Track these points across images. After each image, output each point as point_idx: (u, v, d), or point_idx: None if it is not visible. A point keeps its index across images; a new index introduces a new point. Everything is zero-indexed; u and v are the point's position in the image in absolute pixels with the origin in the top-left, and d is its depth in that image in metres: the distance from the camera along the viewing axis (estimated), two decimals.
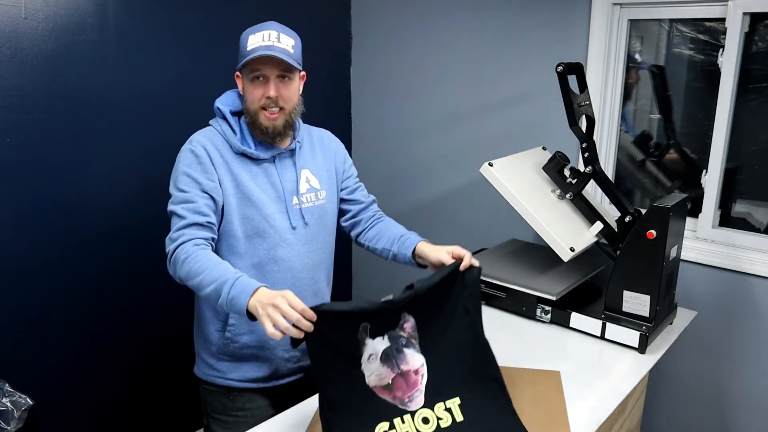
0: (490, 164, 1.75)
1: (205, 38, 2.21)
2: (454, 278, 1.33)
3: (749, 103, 1.93)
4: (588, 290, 1.88)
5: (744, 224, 2.01)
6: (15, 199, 1.80)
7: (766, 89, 1.90)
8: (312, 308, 1.15)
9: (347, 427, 1.17)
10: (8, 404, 1.50)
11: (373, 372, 1.21)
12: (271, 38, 1.42)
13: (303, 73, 1.55)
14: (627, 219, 1.74)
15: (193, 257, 1.33)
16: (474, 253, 2.05)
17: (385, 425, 1.20)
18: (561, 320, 1.76)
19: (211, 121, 1.53)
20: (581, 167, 1.81)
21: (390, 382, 1.22)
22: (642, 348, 1.62)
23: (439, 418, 1.23)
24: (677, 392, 2.15)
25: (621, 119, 2.20)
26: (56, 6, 1.81)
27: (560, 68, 1.67)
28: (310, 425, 1.30)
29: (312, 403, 1.39)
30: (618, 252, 1.67)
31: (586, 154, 1.77)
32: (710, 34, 1.99)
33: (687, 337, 2.02)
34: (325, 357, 1.18)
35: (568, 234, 1.72)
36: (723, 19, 1.90)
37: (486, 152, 2.42)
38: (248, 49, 1.42)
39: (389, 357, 1.23)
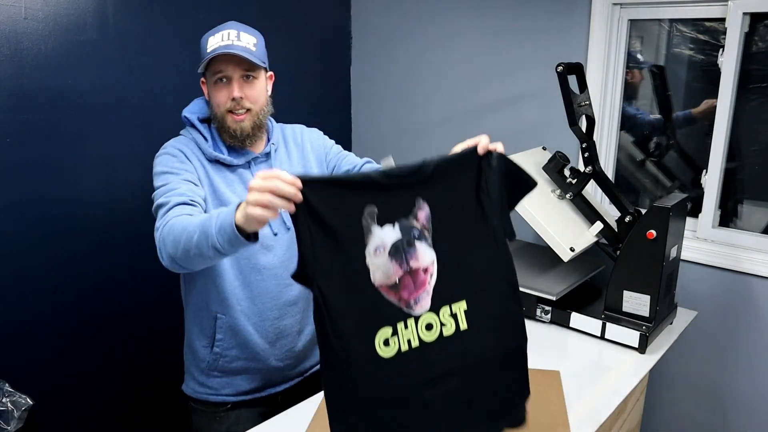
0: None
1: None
2: (470, 163, 1.12)
3: (749, 103, 1.93)
4: (588, 290, 1.88)
5: (744, 224, 2.02)
6: (15, 198, 1.80)
7: (766, 89, 1.90)
8: (301, 177, 0.98)
9: (346, 332, 1.02)
10: (8, 404, 1.50)
11: (379, 268, 1.03)
12: (230, 37, 1.39)
13: (270, 73, 1.52)
14: (627, 219, 1.74)
15: (174, 224, 1.22)
16: None
17: (387, 331, 1.03)
18: (561, 320, 1.76)
19: (181, 132, 1.50)
20: (581, 167, 1.81)
21: (397, 281, 1.04)
22: (642, 348, 1.62)
23: (442, 325, 1.08)
24: (677, 392, 2.15)
25: (628, 112, 2.19)
26: (56, 6, 1.81)
27: (560, 68, 1.67)
28: (310, 425, 1.30)
29: (313, 402, 1.39)
30: (618, 252, 1.67)
31: (586, 154, 1.77)
32: (710, 34, 1.99)
33: (687, 337, 2.02)
34: (321, 243, 1.00)
35: (568, 234, 1.72)
36: (723, 19, 1.90)
37: None
38: (208, 50, 1.38)
39: (399, 251, 1.04)
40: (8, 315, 1.85)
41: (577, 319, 1.73)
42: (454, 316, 1.09)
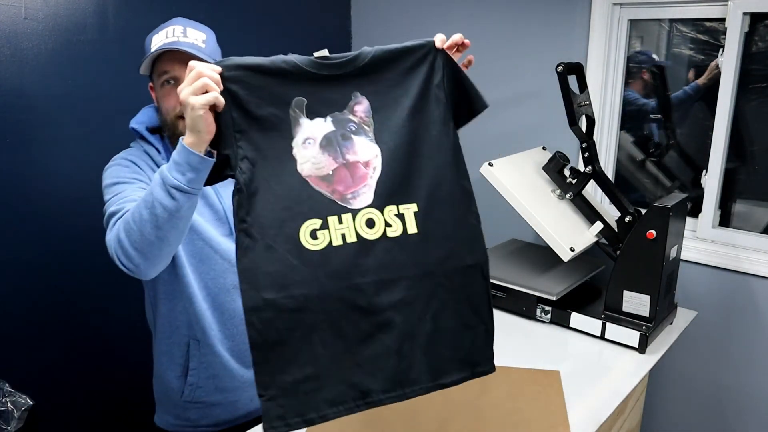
0: (490, 164, 1.75)
1: None
2: (423, 58, 1.04)
3: (749, 103, 1.93)
4: (588, 290, 1.88)
5: (744, 224, 2.01)
6: (16, 198, 1.80)
7: (766, 89, 1.90)
8: (220, 63, 0.95)
9: (267, 219, 0.95)
10: (8, 404, 1.51)
11: (308, 159, 0.98)
12: (175, 34, 1.27)
13: None
14: (627, 219, 1.74)
15: (124, 217, 1.10)
16: None
17: (315, 222, 0.96)
18: (561, 320, 1.76)
19: (131, 144, 1.38)
20: (581, 167, 1.81)
21: (330, 172, 0.98)
22: (642, 348, 1.62)
23: (387, 225, 0.99)
24: (677, 392, 2.15)
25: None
26: (56, 6, 1.81)
27: (560, 68, 1.67)
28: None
29: None
30: (618, 252, 1.67)
31: (586, 154, 1.77)
32: (710, 34, 1.99)
33: (687, 337, 2.02)
34: (243, 129, 0.96)
35: (568, 234, 1.72)
36: (723, 19, 1.89)
37: (486, 152, 2.41)
38: (152, 49, 1.26)
39: (332, 143, 0.99)
40: (8, 315, 1.85)
41: (577, 319, 1.73)
42: (401, 216, 1.00)
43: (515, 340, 1.70)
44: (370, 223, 0.99)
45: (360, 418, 1.31)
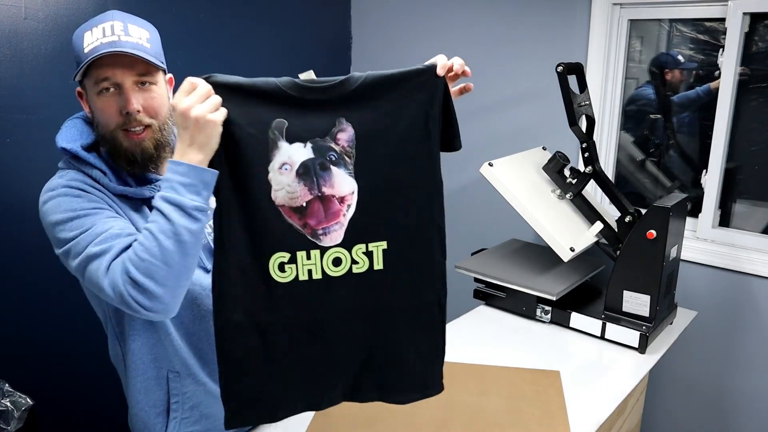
0: (490, 164, 1.75)
1: (206, 39, 2.21)
2: (422, 85, 0.99)
3: (749, 103, 1.93)
4: (588, 290, 1.88)
5: (744, 224, 2.01)
6: (16, 198, 1.80)
7: (766, 89, 1.90)
8: (209, 80, 0.93)
9: (240, 247, 0.96)
10: (8, 404, 1.50)
11: (284, 186, 0.95)
12: (114, 31, 1.07)
13: (170, 76, 1.21)
14: (627, 219, 1.74)
15: (134, 251, 0.97)
16: (474, 253, 2.06)
17: (284, 256, 0.96)
18: (561, 320, 1.76)
19: (60, 165, 1.14)
20: (581, 167, 1.81)
21: (304, 204, 0.96)
22: (642, 348, 1.62)
23: (354, 262, 0.99)
24: (677, 392, 2.15)
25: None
26: (56, 6, 1.81)
27: (560, 68, 1.67)
28: (310, 425, 1.30)
29: None
30: (618, 252, 1.67)
31: (586, 154, 1.77)
32: (710, 34, 1.99)
33: (687, 337, 2.02)
34: (222, 147, 0.94)
35: (568, 234, 1.72)
36: (723, 19, 1.90)
37: (486, 152, 2.41)
38: (85, 50, 1.05)
39: (309, 172, 0.95)
40: (8, 315, 1.85)
41: (577, 319, 1.73)
42: (369, 254, 1.00)
43: (515, 340, 1.70)
44: (337, 262, 0.99)
45: (360, 418, 1.31)
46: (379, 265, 1.01)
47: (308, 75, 0.97)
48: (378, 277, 1.01)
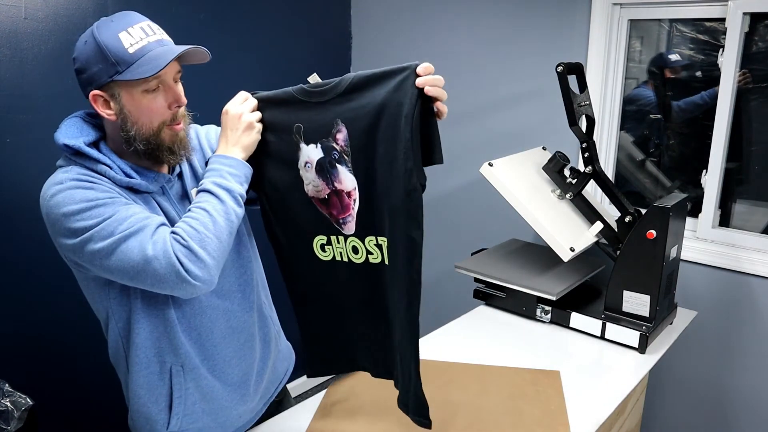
0: (490, 164, 1.75)
1: (206, 39, 2.21)
2: (401, 83, 1.02)
3: (749, 103, 1.93)
4: (588, 290, 1.88)
5: (744, 224, 2.02)
6: (16, 198, 1.80)
7: (766, 89, 1.91)
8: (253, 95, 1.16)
9: (290, 234, 1.17)
10: (8, 404, 1.51)
11: (311, 181, 1.13)
12: (153, 31, 1.10)
13: None
14: (627, 219, 1.74)
15: (189, 225, 1.04)
16: (474, 253, 2.06)
17: (323, 238, 1.16)
18: (561, 320, 1.76)
19: (60, 163, 1.15)
20: (581, 167, 1.81)
21: (326, 197, 1.13)
22: (642, 348, 1.62)
23: (369, 252, 1.13)
24: (677, 392, 2.15)
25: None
26: (56, 6, 1.81)
27: (560, 68, 1.67)
28: (310, 425, 1.30)
29: (313, 402, 1.39)
30: (618, 252, 1.67)
31: (586, 154, 1.77)
32: (710, 34, 1.99)
33: (687, 337, 2.02)
34: (262, 152, 1.14)
35: (568, 234, 1.72)
36: (723, 19, 1.90)
37: (486, 152, 2.42)
38: (131, 50, 1.05)
39: (323, 170, 1.12)
40: (8, 315, 1.85)
41: (577, 319, 1.73)
42: (379, 246, 1.12)
43: (515, 340, 1.70)
44: (354, 250, 1.14)
45: (360, 418, 1.31)
46: (387, 260, 1.11)
47: (314, 78, 1.11)
48: (388, 271, 1.12)
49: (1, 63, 1.73)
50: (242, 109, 1.11)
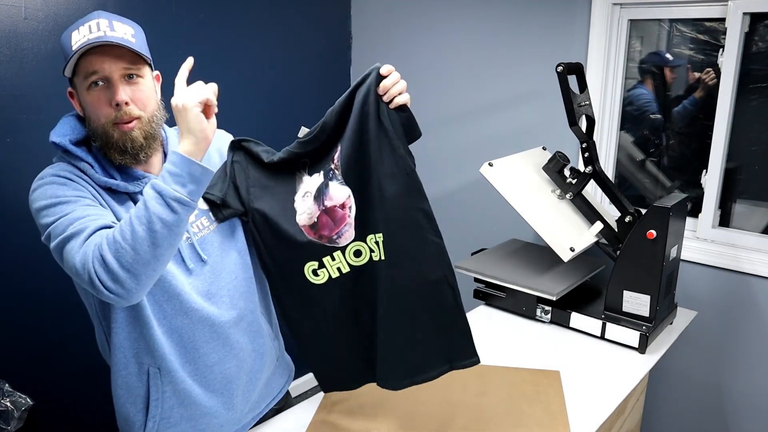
0: (490, 164, 1.75)
1: (206, 39, 2.21)
2: (369, 89, 1.13)
3: (749, 103, 1.93)
4: (588, 290, 1.88)
5: (744, 224, 2.01)
6: (16, 198, 1.81)
7: (766, 89, 1.90)
8: (239, 140, 1.21)
9: (280, 263, 1.21)
10: (8, 404, 1.51)
11: (305, 211, 1.19)
12: (100, 28, 1.08)
13: (157, 72, 1.23)
14: (627, 219, 1.74)
15: (112, 232, 1.00)
16: (474, 253, 2.06)
17: (313, 264, 1.20)
18: (561, 320, 1.76)
19: (54, 159, 1.16)
20: (581, 167, 1.81)
21: (315, 220, 1.19)
22: (642, 348, 1.62)
23: (371, 251, 1.18)
24: (677, 392, 2.15)
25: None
26: (56, 6, 1.81)
27: (560, 68, 1.67)
28: (310, 425, 1.30)
29: (313, 402, 1.39)
30: (618, 252, 1.67)
31: (586, 154, 1.77)
32: (710, 34, 1.99)
33: (687, 337, 2.02)
34: (256, 183, 1.20)
35: (568, 234, 1.72)
36: (723, 19, 1.90)
37: (486, 152, 2.41)
38: (73, 48, 1.07)
39: (319, 193, 1.18)
40: (8, 315, 1.85)
41: (577, 319, 1.73)
42: (377, 243, 1.17)
43: (515, 340, 1.70)
44: (358, 253, 1.19)
45: (360, 418, 1.31)
46: (383, 254, 1.16)
47: (303, 131, 1.20)
48: (385, 265, 1.16)
49: (1, 63, 1.73)
50: (185, 96, 1.02)
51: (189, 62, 1.10)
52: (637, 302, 1.62)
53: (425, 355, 1.19)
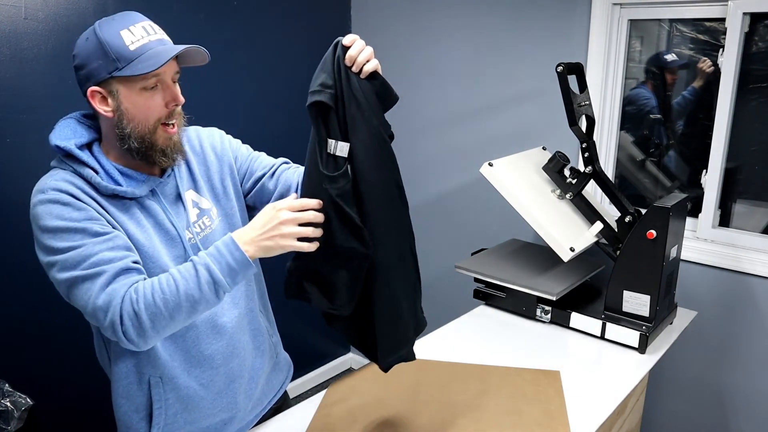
0: (490, 164, 1.75)
1: (205, 39, 2.21)
2: (338, 61, 1.09)
3: (749, 103, 1.93)
4: (588, 290, 1.88)
5: (744, 224, 2.01)
6: (16, 198, 1.81)
7: (766, 89, 1.90)
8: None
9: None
10: (8, 404, 1.51)
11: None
12: (155, 30, 1.10)
13: None
14: (627, 219, 1.74)
15: (151, 291, 1.02)
16: (474, 253, 2.06)
17: None
18: (561, 320, 1.76)
19: (53, 164, 1.13)
20: (581, 167, 1.81)
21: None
22: (642, 348, 1.62)
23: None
24: (677, 392, 2.15)
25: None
26: (56, 6, 1.82)
27: (560, 68, 1.67)
28: (310, 425, 1.30)
29: (313, 403, 1.39)
30: (618, 252, 1.67)
31: (586, 154, 1.77)
32: (710, 34, 1.99)
33: (687, 337, 2.02)
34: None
35: (568, 234, 1.72)
36: (723, 19, 1.90)
37: (486, 152, 2.42)
38: (132, 48, 1.05)
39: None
40: (8, 315, 1.85)
41: (577, 319, 1.73)
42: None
43: (515, 340, 1.70)
44: None
45: (360, 418, 1.31)
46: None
47: (333, 143, 1.09)
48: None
49: (1, 63, 1.73)
50: (289, 216, 1.03)
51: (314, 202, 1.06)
52: (637, 302, 1.62)
53: (405, 329, 1.16)
